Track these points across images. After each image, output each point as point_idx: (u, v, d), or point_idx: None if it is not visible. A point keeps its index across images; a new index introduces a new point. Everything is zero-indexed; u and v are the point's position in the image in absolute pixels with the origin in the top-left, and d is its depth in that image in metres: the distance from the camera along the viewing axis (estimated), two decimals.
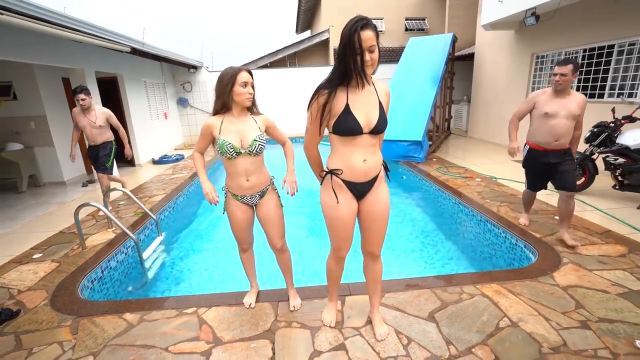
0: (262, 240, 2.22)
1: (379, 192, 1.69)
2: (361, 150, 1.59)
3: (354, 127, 1.53)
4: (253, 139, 1.82)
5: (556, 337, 1.86)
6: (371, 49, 1.43)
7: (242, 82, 1.75)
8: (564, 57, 2.55)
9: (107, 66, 6.46)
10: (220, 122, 1.83)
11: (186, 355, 1.83)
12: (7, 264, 2.97)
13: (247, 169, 1.86)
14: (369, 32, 1.40)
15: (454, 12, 10.87)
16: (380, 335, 1.90)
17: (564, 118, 2.73)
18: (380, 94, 1.61)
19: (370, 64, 1.47)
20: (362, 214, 1.74)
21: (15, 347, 1.93)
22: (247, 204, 1.99)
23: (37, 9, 3.53)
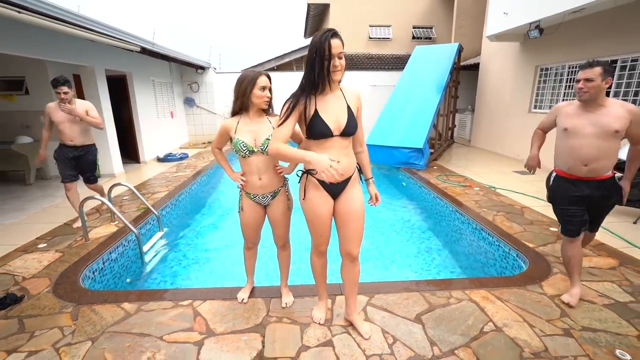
0: (263, 240, 2.30)
1: (352, 191, 1.80)
2: (334, 152, 1.69)
3: (324, 130, 1.65)
4: (265, 137, 1.89)
5: (538, 343, 1.91)
6: (339, 55, 1.57)
7: (261, 86, 1.86)
8: (589, 60, 2.11)
9: (117, 64, 6.62)
10: (237, 123, 1.94)
11: (180, 344, 1.91)
12: (13, 252, 3.07)
13: (259, 168, 1.94)
14: (337, 40, 1.56)
15: (461, 21, 10.96)
16: (366, 333, 1.96)
17: (593, 137, 2.08)
18: (349, 99, 1.73)
19: (340, 69, 1.60)
20: (337, 214, 1.83)
21: (18, 330, 2.02)
22: (259, 204, 2.06)
23: (54, 8, 3.67)
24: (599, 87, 2.02)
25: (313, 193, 1.78)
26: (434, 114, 7.02)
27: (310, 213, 1.81)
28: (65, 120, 3.42)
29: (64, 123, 3.44)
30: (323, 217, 1.80)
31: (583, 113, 2.14)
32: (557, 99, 6.41)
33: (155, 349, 1.87)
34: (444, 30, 14.02)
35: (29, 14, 3.26)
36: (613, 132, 2.04)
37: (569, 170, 2.22)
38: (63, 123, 3.43)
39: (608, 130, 2.05)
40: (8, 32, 3.92)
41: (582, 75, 2.06)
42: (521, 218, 3.83)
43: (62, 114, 3.42)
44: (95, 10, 25.44)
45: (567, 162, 2.22)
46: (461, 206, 4.22)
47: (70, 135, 3.47)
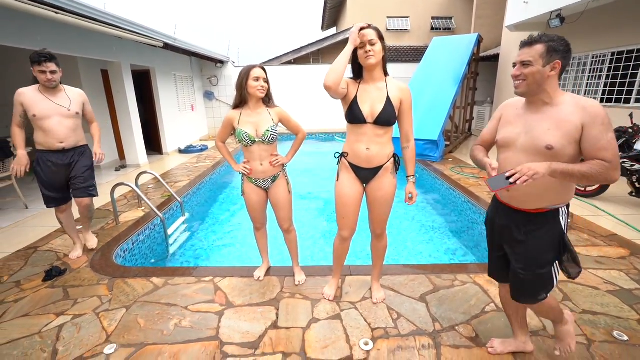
0: (275, 223, 2.46)
1: (382, 181, 1.92)
2: (366, 139, 1.84)
3: (358, 116, 1.81)
4: (266, 129, 2.07)
5: (537, 322, 1.99)
6: (371, 42, 1.74)
7: (255, 76, 2.02)
8: (530, 35, 1.33)
9: (142, 60, 6.92)
10: (239, 115, 2.11)
11: (202, 313, 2.12)
12: (54, 232, 3.39)
13: (261, 155, 2.13)
14: (370, 30, 1.75)
15: (481, 11, 10.70)
16: (377, 299, 2.18)
17: (521, 152, 1.39)
18: (391, 90, 1.83)
19: (372, 54, 1.75)
20: (367, 198, 2.01)
21: (63, 297, 2.29)
22: (261, 187, 2.24)
23: (87, 8, 3.94)
24: (540, 74, 1.31)
25: (343, 175, 1.97)
26: (450, 106, 6.98)
27: (337, 193, 2.00)
28: (53, 113, 2.45)
29: (50, 118, 2.44)
30: (346, 199, 1.96)
31: (524, 115, 1.44)
32: (580, 89, 6.24)
33: (182, 317, 2.09)
34: (464, 21, 13.70)
35: (64, 14, 3.53)
36: (543, 149, 1.32)
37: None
38: (49, 118, 2.44)
39: (537, 144, 1.34)
40: (43, 31, 4.23)
41: (518, 57, 1.37)
42: None
43: (48, 105, 2.43)
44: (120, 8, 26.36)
45: None
46: (473, 197, 4.26)
47: (59, 135, 2.49)
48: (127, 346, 1.85)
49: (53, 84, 2.45)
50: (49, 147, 2.52)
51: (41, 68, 2.37)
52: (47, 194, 2.65)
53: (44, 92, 2.47)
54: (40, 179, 2.60)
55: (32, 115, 2.43)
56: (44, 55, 2.37)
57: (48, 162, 2.55)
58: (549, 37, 1.32)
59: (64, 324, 2.03)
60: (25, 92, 2.45)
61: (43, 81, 2.41)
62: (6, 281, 2.50)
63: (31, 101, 2.43)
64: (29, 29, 3.96)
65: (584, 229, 3.31)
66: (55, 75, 2.44)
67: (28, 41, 3.95)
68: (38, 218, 3.81)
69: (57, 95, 2.52)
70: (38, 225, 3.57)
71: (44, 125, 2.46)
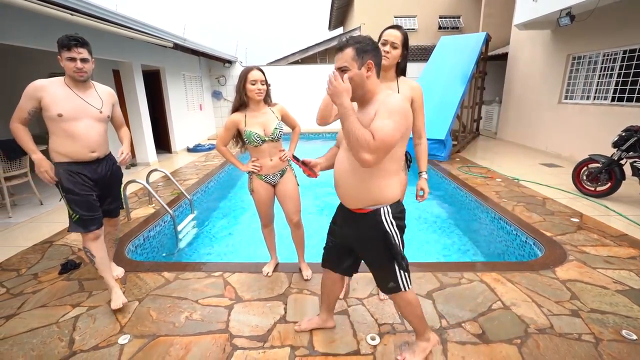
0: (282, 221, 2.50)
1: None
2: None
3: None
4: (274, 127, 2.16)
5: (544, 320, 2.00)
6: (393, 44, 1.83)
7: (252, 80, 2.07)
8: (340, 40, 1.90)
9: (152, 60, 7.04)
10: (244, 117, 2.15)
11: (212, 307, 2.17)
12: None
13: (270, 152, 2.21)
14: (390, 30, 1.84)
15: (489, 10, 10.62)
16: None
17: (347, 150, 1.47)
18: (401, 89, 1.93)
19: (387, 55, 1.82)
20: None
21: (79, 290, 2.37)
22: (270, 183, 2.29)
23: (101, 9, 4.03)
24: (359, 77, 1.34)
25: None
26: (457, 106, 6.95)
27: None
28: (83, 114, 1.99)
29: (80, 120, 1.97)
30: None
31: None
32: (591, 88, 6.16)
33: (192, 310, 2.14)
34: (471, 20, 13.59)
35: (80, 16, 3.62)
36: None
37: None
38: (79, 120, 1.97)
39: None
40: (58, 32, 4.33)
41: (335, 64, 1.39)
42: (542, 209, 3.82)
43: (77, 104, 1.97)
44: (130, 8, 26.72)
45: None
46: (480, 196, 4.25)
47: (90, 142, 2.03)
48: (140, 337, 1.91)
49: (84, 76, 1.97)
50: (77, 157, 2.01)
51: (71, 54, 1.90)
52: (86, 216, 2.04)
53: (72, 87, 2.00)
54: (73, 198, 2.01)
55: (57, 115, 1.91)
56: (75, 39, 1.91)
57: (80, 175, 2.03)
58: (355, 39, 1.34)
59: (79, 314, 2.10)
60: (47, 85, 1.93)
61: (71, 71, 1.93)
62: (24, 273, 2.59)
63: (56, 96, 1.92)
64: (44, 29, 4.07)
65: (593, 229, 3.28)
66: (87, 65, 1.98)
67: (43, 42, 4.06)
68: (52, 214, 3.92)
69: (87, 92, 2.04)
70: (53, 221, 3.67)
71: (72, 128, 1.95)
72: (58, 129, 1.95)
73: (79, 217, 2.03)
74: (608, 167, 4.11)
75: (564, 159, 6.42)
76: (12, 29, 3.73)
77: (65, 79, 2.00)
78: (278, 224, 2.58)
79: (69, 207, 2.04)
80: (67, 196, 2.02)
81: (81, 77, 1.98)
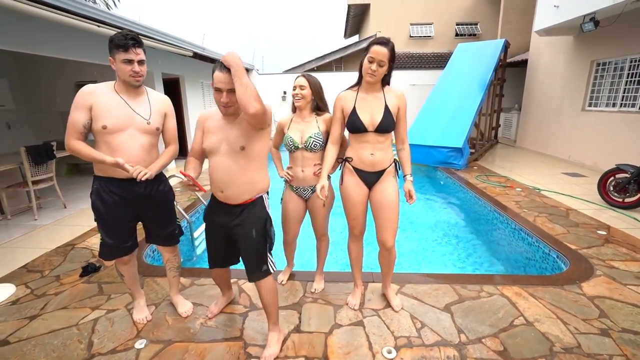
0: (303, 227, 2.43)
1: (386, 184, 1.98)
2: (369, 146, 1.92)
3: (358, 125, 1.88)
4: (309, 135, 2.07)
5: (571, 339, 1.90)
6: (380, 63, 1.78)
7: (294, 85, 2.09)
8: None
9: (172, 68, 7.24)
10: (290, 120, 2.17)
11: (227, 314, 2.17)
12: (89, 232, 3.59)
13: (303, 162, 2.13)
14: (377, 47, 1.76)
15: (508, 16, 10.46)
16: (397, 306, 2.16)
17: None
18: (388, 99, 1.90)
19: (370, 72, 1.80)
20: (372, 203, 2.03)
21: (98, 293, 2.42)
22: (301, 197, 2.23)
23: (126, 21, 4.20)
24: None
25: (348, 178, 2.02)
26: (475, 113, 6.83)
27: (345, 195, 2.04)
28: (127, 124, 1.73)
29: (122, 131, 1.73)
30: (355, 200, 2.02)
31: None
32: (617, 95, 5.94)
33: (207, 317, 2.15)
34: (489, 26, 13.42)
35: (107, 27, 3.78)
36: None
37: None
38: (121, 131, 1.72)
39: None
40: (85, 43, 4.53)
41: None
42: (565, 220, 3.67)
43: (124, 112, 1.73)
44: (152, 19, 27.73)
45: None
46: (499, 206, 4.13)
47: (128, 156, 1.72)
48: (156, 342, 1.93)
49: (140, 80, 1.75)
50: (113, 173, 1.75)
51: (128, 55, 1.66)
52: (107, 242, 1.86)
53: (123, 93, 1.75)
54: (101, 219, 1.82)
55: (102, 127, 1.68)
56: (132, 38, 1.66)
57: (112, 193, 1.78)
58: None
59: (98, 317, 2.14)
60: (97, 92, 1.69)
61: (128, 75, 1.69)
62: (47, 275, 2.67)
63: (104, 105, 1.69)
64: (71, 40, 4.26)
65: (622, 242, 3.13)
66: (144, 68, 1.75)
67: (70, 52, 4.24)
68: (75, 217, 4.05)
69: (138, 99, 1.79)
70: (75, 224, 3.79)
71: (113, 140, 1.71)
72: (101, 140, 1.74)
73: (102, 241, 1.90)
74: (637, 178, 3.92)
75: (588, 168, 6.19)
76: (41, 40, 3.92)
77: (116, 84, 1.77)
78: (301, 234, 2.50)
79: (98, 229, 1.88)
80: (95, 217, 1.83)
81: (137, 82, 1.74)
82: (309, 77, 2.09)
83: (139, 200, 1.87)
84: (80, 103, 1.67)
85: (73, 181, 5.95)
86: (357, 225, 2.09)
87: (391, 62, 1.81)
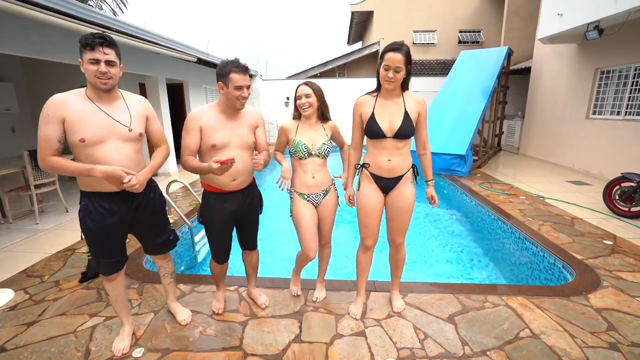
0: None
1: (404, 189, 1.96)
2: (386, 152, 1.91)
3: (377, 131, 1.86)
4: (322, 142, 2.04)
5: (579, 353, 1.85)
6: (396, 69, 1.77)
7: (298, 94, 2.03)
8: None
9: (176, 73, 7.30)
10: (296, 127, 2.09)
11: (227, 322, 2.14)
12: None
13: (313, 169, 2.06)
14: (391, 54, 1.75)
15: (511, 24, 10.48)
16: (397, 308, 2.16)
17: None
18: (408, 104, 1.89)
19: (390, 80, 1.79)
20: (387, 207, 2.02)
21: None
22: (312, 203, 2.13)
23: (132, 27, 4.23)
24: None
25: (365, 185, 2.00)
26: (478, 120, 6.81)
27: (360, 202, 2.02)
28: (108, 134, 1.60)
29: (104, 143, 1.59)
30: (370, 208, 1.99)
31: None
32: (621, 103, 5.91)
33: (206, 325, 2.12)
34: (492, 34, 13.46)
35: (113, 33, 3.81)
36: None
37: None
38: (103, 143, 1.58)
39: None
40: None
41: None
42: (570, 229, 3.62)
43: (102, 122, 1.58)
44: (157, 24, 28.14)
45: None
46: (503, 214, 4.09)
47: (123, 167, 1.60)
48: (154, 350, 1.89)
49: (108, 83, 1.56)
50: (103, 188, 1.63)
51: (94, 54, 1.50)
52: (102, 261, 1.75)
53: (96, 100, 1.59)
54: (92, 238, 1.69)
55: (79, 140, 1.53)
56: (100, 36, 1.53)
57: (102, 209, 1.66)
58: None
59: (96, 324, 2.11)
60: (68, 101, 1.52)
61: (93, 76, 1.52)
62: (47, 280, 2.65)
63: (77, 115, 1.52)
64: (77, 46, 4.29)
65: (629, 252, 3.07)
66: (113, 70, 1.57)
67: (76, 57, 4.27)
68: (76, 221, 3.97)
69: (114, 105, 1.64)
70: (77, 228, 3.76)
71: (95, 154, 1.56)
72: (81, 154, 1.57)
73: (96, 260, 1.76)
74: None
75: (593, 176, 6.13)
76: (48, 45, 3.96)
77: (87, 90, 1.60)
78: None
79: (87, 245, 1.75)
80: (83, 234, 1.71)
81: (104, 85, 1.55)
82: (312, 85, 2.04)
83: (132, 213, 1.74)
84: (51, 116, 1.50)
85: (75, 185, 5.92)
86: (369, 233, 2.02)
87: (408, 66, 1.79)
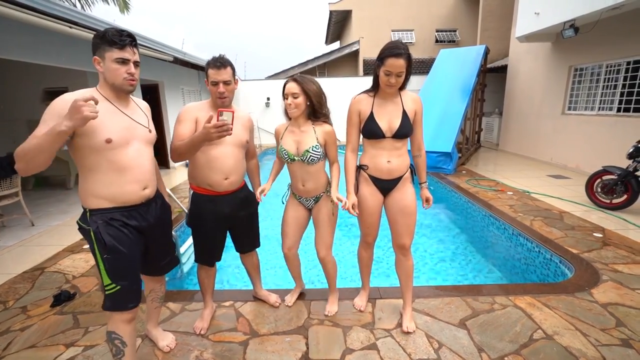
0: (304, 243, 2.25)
1: (404, 190, 1.89)
2: (385, 153, 1.83)
3: (376, 131, 1.79)
4: (306, 149, 1.83)
5: (594, 352, 1.81)
6: (398, 74, 1.69)
7: (285, 93, 1.80)
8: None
9: (151, 74, 6.91)
10: (285, 129, 1.93)
11: (225, 343, 1.94)
12: (62, 252, 3.24)
13: (302, 176, 1.91)
14: (393, 59, 1.65)
15: (486, 23, 10.76)
16: (407, 328, 2.00)
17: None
18: (406, 104, 1.81)
19: (391, 84, 1.72)
20: (388, 210, 1.94)
21: (73, 325, 2.12)
22: (303, 205, 2.04)
23: (99, 22, 3.90)
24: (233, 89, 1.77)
25: (364, 187, 1.91)
26: (461, 118, 6.89)
27: (361, 206, 1.92)
28: (132, 136, 1.45)
29: (129, 145, 1.43)
30: (372, 209, 1.93)
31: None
32: (594, 99, 6.14)
33: (202, 348, 1.91)
34: (468, 33, 13.81)
35: (79, 29, 3.48)
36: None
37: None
38: (128, 145, 1.43)
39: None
40: (56, 46, 4.19)
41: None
42: (561, 223, 3.67)
43: (125, 123, 1.44)
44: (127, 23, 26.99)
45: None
46: (495, 211, 4.10)
47: (143, 175, 1.49)
48: None
49: (135, 85, 1.46)
50: (125, 199, 1.43)
51: (123, 54, 1.37)
52: (128, 287, 1.43)
53: (114, 100, 1.44)
54: (116, 261, 1.39)
55: (105, 141, 1.34)
56: (129, 34, 1.39)
57: (127, 227, 1.43)
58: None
59: (74, 356, 1.86)
60: (86, 97, 1.17)
61: (121, 78, 1.39)
62: (12, 306, 2.34)
63: (101, 115, 1.29)
64: (40, 43, 3.92)
65: (619, 244, 3.13)
66: (138, 72, 1.47)
67: (39, 56, 3.90)
68: (45, 236, 3.67)
69: (130, 107, 1.51)
70: (45, 244, 3.43)
71: (121, 158, 1.39)
72: (101, 160, 1.36)
73: (119, 288, 1.40)
74: (624, 179, 4.00)
75: (570, 170, 6.34)
76: (6, 42, 3.57)
77: (101, 90, 1.44)
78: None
79: (105, 274, 1.39)
80: (107, 258, 1.38)
81: (132, 87, 1.44)
82: (301, 82, 1.78)
83: (151, 227, 1.54)
84: (57, 111, 1.26)
85: (43, 195, 5.49)
86: (371, 232, 2.02)
87: (410, 67, 1.70)
